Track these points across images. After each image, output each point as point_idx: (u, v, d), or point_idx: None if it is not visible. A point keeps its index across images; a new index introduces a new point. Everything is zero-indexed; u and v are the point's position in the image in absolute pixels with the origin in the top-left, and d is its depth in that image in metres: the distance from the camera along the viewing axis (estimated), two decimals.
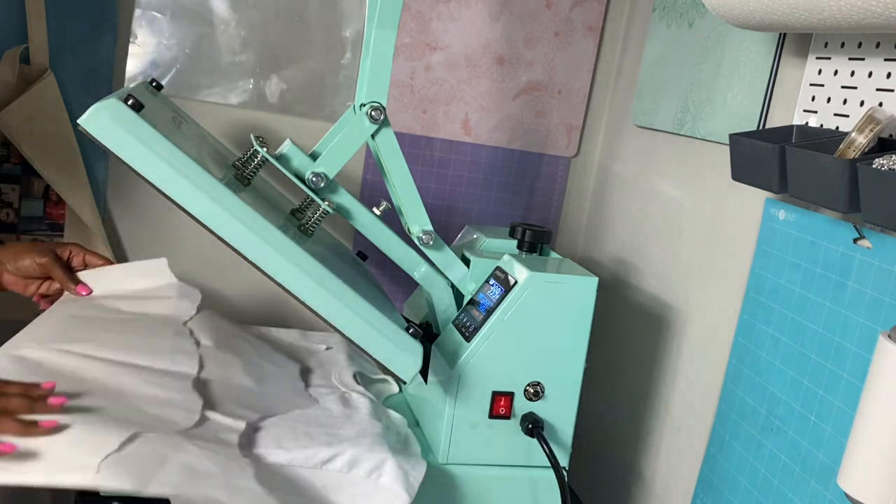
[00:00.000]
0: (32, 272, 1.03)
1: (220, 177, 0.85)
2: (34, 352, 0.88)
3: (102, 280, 1.05)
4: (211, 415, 0.87)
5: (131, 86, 0.93)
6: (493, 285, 1.01)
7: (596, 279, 0.99)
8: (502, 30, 1.38)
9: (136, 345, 0.94)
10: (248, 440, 0.87)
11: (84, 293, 1.03)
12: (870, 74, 0.83)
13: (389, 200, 1.02)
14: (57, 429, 0.74)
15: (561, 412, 1.01)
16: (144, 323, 1.00)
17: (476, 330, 0.98)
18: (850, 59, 0.86)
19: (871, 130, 0.77)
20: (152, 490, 0.72)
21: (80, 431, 0.76)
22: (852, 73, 0.86)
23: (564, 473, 0.99)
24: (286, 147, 0.95)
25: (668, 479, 1.16)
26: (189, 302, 1.08)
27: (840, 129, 0.87)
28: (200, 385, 0.92)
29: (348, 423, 0.98)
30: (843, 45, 0.87)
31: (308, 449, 0.88)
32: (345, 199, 0.98)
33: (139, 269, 1.10)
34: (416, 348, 0.92)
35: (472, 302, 1.03)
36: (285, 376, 1.05)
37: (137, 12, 1.27)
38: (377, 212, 1.00)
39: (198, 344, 1.00)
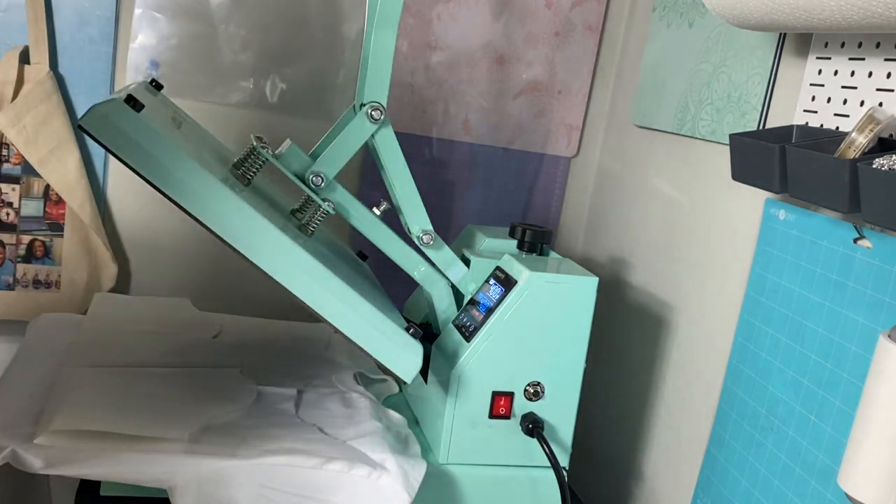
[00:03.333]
0: None
1: (221, 177, 0.85)
2: (97, 374, 0.98)
3: (129, 308, 1.15)
4: (264, 389, 1.01)
5: (131, 86, 0.93)
6: (493, 285, 1.01)
7: (596, 279, 0.99)
8: (502, 30, 1.38)
9: (180, 351, 1.08)
10: (297, 405, 1.01)
11: None
12: (870, 74, 0.83)
13: (389, 200, 1.02)
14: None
15: (561, 412, 1.01)
16: (180, 336, 1.13)
17: (476, 330, 0.98)
18: (850, 59, 0.86)
19: (871, 130, 0.77)
20: (242, 455, 0.84)
21: (163, 412, 0.89)
22: (852, 73, 0.86)
23: (564, 473, 0.99)
24: (286, 147, 0.95)
25: (668, 479, 1.16)
26: (213, 325, 1.20)
27: (840, 129, 0.87)
28: (247, 370, 1.07)
29: (348, 424, 0.98)
30: (843, 45, 0.87)
31: (308, 449, 0.88)
32: (345, 199, 0.98)
33: (164, 303, 1.24)
34: (416, 348, 0.92)
35: (472, 302, 1.03)
36: (313, 348, 1.21)
37: (137, 12, 1.27)
38: (377, 212, 1.00)
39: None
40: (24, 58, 1.19)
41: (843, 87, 0.87)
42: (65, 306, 1.29)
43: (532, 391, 0.99)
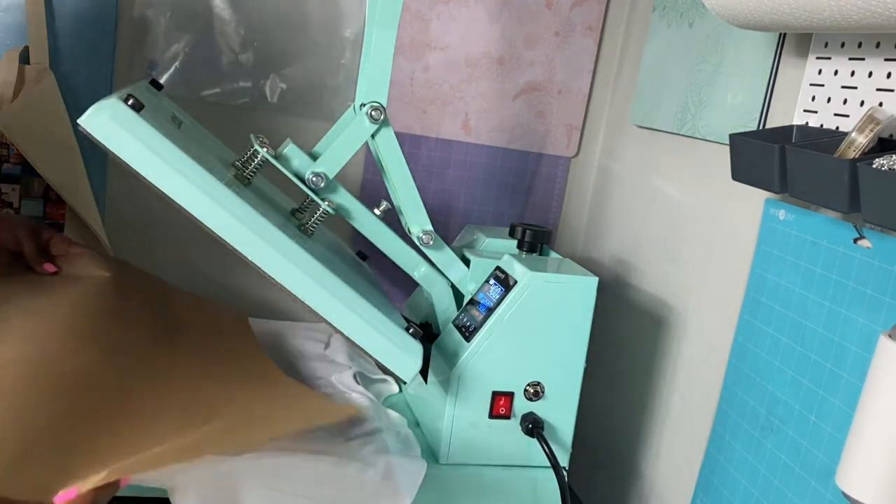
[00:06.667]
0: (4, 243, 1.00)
1: (220, 177, 0.85)
2: None
3: None
4: None
5: (131, 86, 0.93)
6: (493, 285, 1.01)
7: (596, 279, 0.99)
8: (502, 30, 1.38)
9: None
10: None
11: (50, 271, 1.01)
12: (870, 74, 0.83)
13: (389, 200, 1.02)
14: None
15: (561, 412, 1.01)
16: None
17: (476, 330, 0.98)
18: (850, 59, 0.86)
19: (871, 130, 0.77)
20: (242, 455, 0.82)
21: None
22: (852, 73, 0.86)
23: (564, 473, 0.99)
24: (286, 147, 0.96)
25: (668, 479, 1.16)
26: None
27: (840, 129, 0.87)
28: None
29: (348, 424, 0.98)
30: (843, 45, 0.87)
31: (308, 449, 0.88)
32: (345, 199, 0.98)
33: None
34: (416, 348, 0.92)
35: (472, 302, 1.03)
36: (313, 348, 1.20)
37: (137, 12, 1.27)
38: (377, 212, 1.00)
39: None
40: (24, 58, 1.19)
41: (843, 87, 0.87)
42: None
43: (532, 391, 0.99)
